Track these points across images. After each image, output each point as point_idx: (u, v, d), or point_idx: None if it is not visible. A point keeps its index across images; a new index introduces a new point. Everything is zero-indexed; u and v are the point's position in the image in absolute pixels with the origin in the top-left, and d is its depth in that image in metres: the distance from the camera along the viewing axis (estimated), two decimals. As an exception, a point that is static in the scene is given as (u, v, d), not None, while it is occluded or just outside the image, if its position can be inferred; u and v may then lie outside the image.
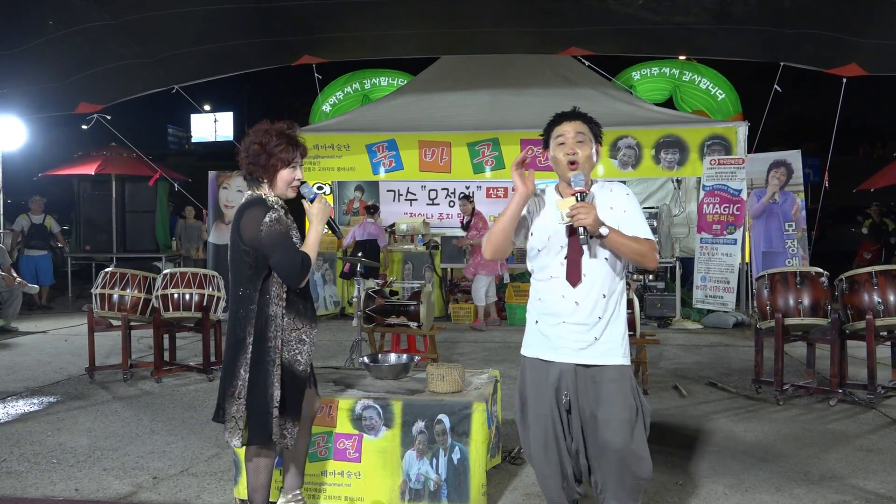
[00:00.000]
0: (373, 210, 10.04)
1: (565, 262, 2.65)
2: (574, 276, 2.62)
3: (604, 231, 2.52)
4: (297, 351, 2.97)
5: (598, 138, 2.75)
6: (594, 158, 2.73)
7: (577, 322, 2.63)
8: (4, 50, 6.76)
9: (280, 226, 2.87)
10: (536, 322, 2.74)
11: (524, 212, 2.74)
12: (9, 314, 9.05)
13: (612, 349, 2.64)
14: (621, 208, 2.68)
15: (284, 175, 2.92)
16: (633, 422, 2.63)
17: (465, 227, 9.76)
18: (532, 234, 2.75)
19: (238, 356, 2.89)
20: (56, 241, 11.84)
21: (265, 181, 2.93)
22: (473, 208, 9.69)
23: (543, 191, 2.82)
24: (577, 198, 2.55)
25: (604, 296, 2.64)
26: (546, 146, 2.78)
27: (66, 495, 3.71)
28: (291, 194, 2.98)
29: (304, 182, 3.01)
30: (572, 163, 2.65)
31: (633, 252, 2.59)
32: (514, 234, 2.74)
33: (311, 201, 2.98)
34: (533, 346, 2.75)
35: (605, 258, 2.64)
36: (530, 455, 2.77)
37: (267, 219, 2.84)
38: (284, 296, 2.94)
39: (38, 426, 4.93)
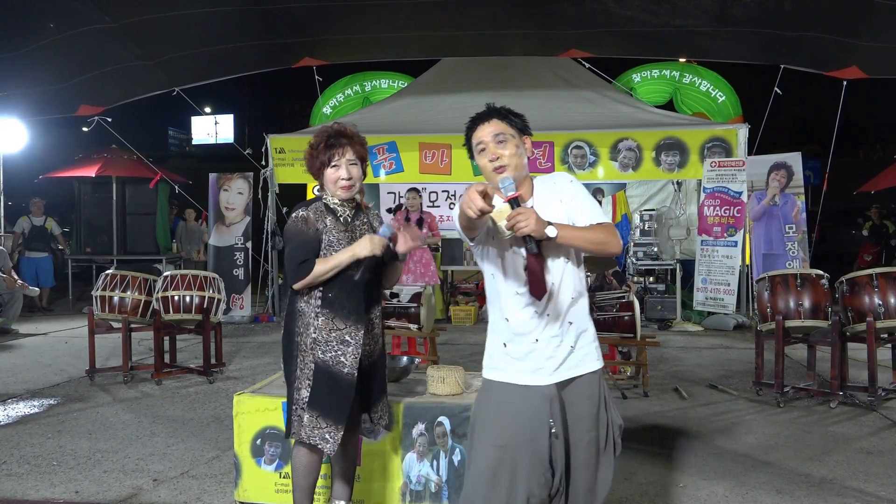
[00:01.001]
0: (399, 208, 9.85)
1: (525, 274, 2.38)
2: (538, 288, 2.34)
3: (551, 232, 2.22)
4: (339, 352, 2.89)
5: (523, 131, 2.47)
6: (524, 155, 2.45)
7: (550, 336, 2.38)
8: (6, 52, 6.77)
9: (302, 224, 2.88)
10: (505, 345, 2.42)
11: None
12: (9, 316, 9.05)
13: (588, 353, 2.43)
14: (568, 198, 2.43)
15: (329, 175, 2.91)
16: (606, 440, 2.43)
17: (417, 222, 9.17)
18: (484, 254, 2.48)
19: (283, 348, 3.01)
20: (57, 243, 11.85)
21: (320, 182, 3.00)
22: (422, 204, 9.30)
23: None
24: (511, 205, 2.26)
25: (572, 298, 2.40)
26: (471, 156, 2.52)
27: (67, 498, 3.71)
28: (342, 194, 2.92)
29: (400, 209, 3.04)
30: (498, 168, 2.38)
31: (591, 242, 2.32)
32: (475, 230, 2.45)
33: (379, 235, 2.89)
34: (502, 368, 2.42)
35: (565, 258, 2.39)
36: (471, 487, 2.38)
37: (294, 214, 2.92)
38: (318, 293, 2.89)
39: (38, 428, 4.92)
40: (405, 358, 4.04)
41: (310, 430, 2.85)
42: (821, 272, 5.47)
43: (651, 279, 9.96)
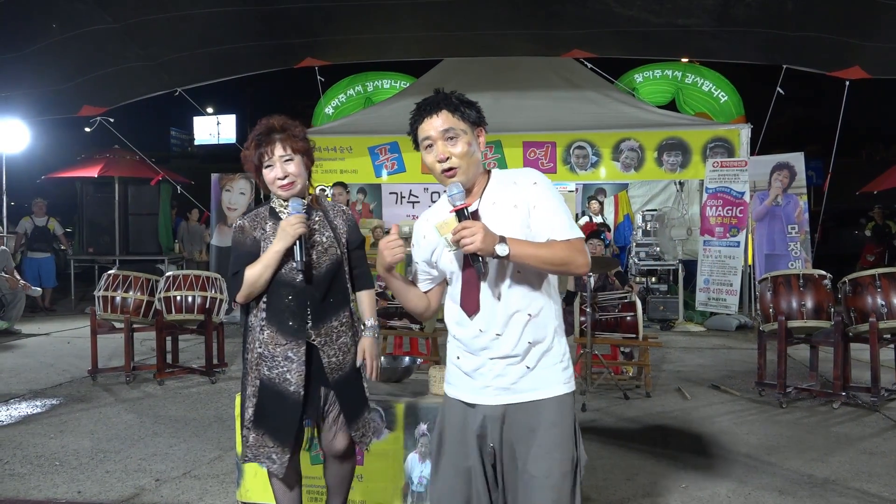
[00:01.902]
0: None
1: (460, 287, 2.13)
2: (470, 304, 2.10)
3: (501, 250, 1.93)
4: (284, 369, 2.66)
5: (476, 123, 2.14)
6: (476, 152, 2.12)
7: (503, 354, 2.08)
8: (8, 53, 6.77)
9: (239, 233, 2.71)
10: (458, 358, 2.19)
11: (413, 254, 2.29)
12: (12, 316, 9.06)
13: (551, 375, 2.11)
14: (529, 204, 2.07)
15: (265, 176, 2.68)
16: (570, 477, 2.09)
17: None
18: (436, 263, 2.21)
19: None
20: (59, 243, 11.87)
21: (262, 185, 2.77)
22: (349, 201, 8.70)
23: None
24: (458, 216, 2.01)
25: (530, 315, 2.08)
26: (417, 148, 2.21)
27: (69, 498, 3.71)
28: (283, 194, 2.68)
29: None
30: (448, 170, 2.08)
31: (548, 263, 2.00)
32: (420, 286, 2.28)
33: (291, 213, 2.64)
34: (455, 384, 2.21)
35: (518, 271, 2.08)
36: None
37: (234, 225, 2.73)
38: (263, 304, 2.69)
39: (40, 428, 4.93)
40: (407, 358, 4.04)
41: (255, 449, 2.71)
42: (823, 272, 5.46)
43: (653, 279, 9.95)
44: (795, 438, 4.60)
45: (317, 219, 2.76)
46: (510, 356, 2.08)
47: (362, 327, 2.86)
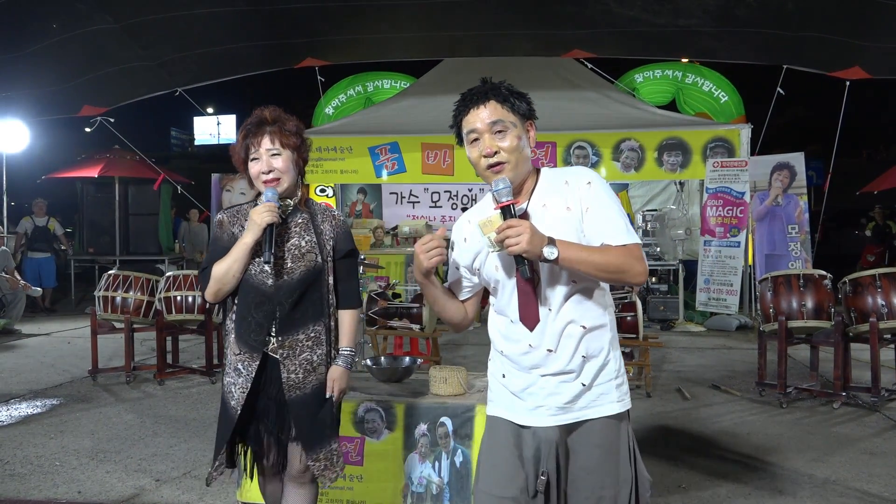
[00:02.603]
0: None
1: (516, 299, 1.95)
2: (529, 316, 1.93)
3: (549, 253, 1.77)
4: (231, 380, 2.48)
5: (526, 116, 1.98)
6: (526, 147, 1.96)
7: (557, 371, 1.93)
8: (8, 53, 6.77)
9: (217, 228, 2.56)
10: (504, 376, 2.03)
11: (452, 259, 2.09)
12: (12, 316, 9.07)
13: (606, 394, 1.95)
14: (582, 206, 1.90)
15: (251, 170, 2.50)
16: (631, 499, 1.94)
17: None
18: (479, 269, 2.03)
19: None
20: (59, 243, 11.87)
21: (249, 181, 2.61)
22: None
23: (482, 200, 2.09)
24: (502, 214, 1.85)
25: (584, 327, 1.92)
26: (460, 142, 2.03)
27: (69, 498, 3.71)
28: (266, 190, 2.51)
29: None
30: (494, 165, 1.91)
31: (602, 270, 1.83)
32: (458, 295, 2.12)
33: (265, 202, 2.46)
34: (501, 404, 2.03)
35: (572, 279, 1.92)
36: None
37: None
38: (234, 307, 2.52)
39: (41, 429, 4.93)
40: (407, 358, 4.04)
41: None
42: (824, 273, 5.46)
43: (653, 279, 9.95)
44: (796, 438, 4.60)
45: (300, 220, 2.54)
46: (564, 372, 1.93)
47: (334, 353, 2.57)
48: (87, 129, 9.70)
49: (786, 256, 8.51)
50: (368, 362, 3.97)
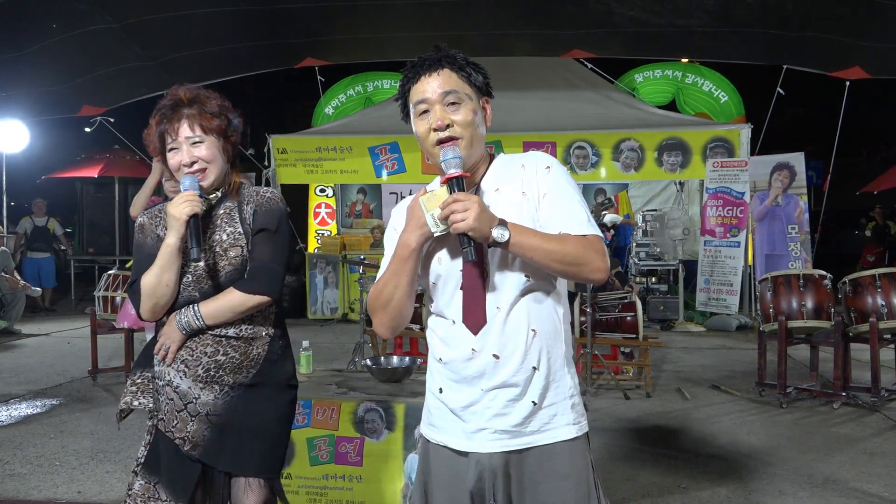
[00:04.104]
0: None
1: (461, 298, 1.68)
2: (474, 317, 1.66)
3: (500, 235, 1.54)
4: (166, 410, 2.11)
5: (483, 90, 1.74)
6: (482, 124, 1.72)
7: (501, 383, 1.65)
8: (8, 53, 6.78)
9: (139, 234, 2.18)
10: (441, 391, 1.74)
11: (389, 250, 1.79)
12: (12, 316, 9.07)
13: (561, 414, 1.68)
14: (539, 191, 1.68)
15: (170, 161, 2.10)
16: None
17: None
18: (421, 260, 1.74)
19: None
20: (59, 243, 11.87)
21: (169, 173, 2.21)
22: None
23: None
24: (449, 188, 1.59)
25: (534, 331, 1.66)
26: (406, 116, 1.77)
27: (69, 498, 3.71)
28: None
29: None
30: (445, 140, 1.65)
31: (557, 259, 1.57)
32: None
33: (183, 192, 2.04)
34: (439, 426, 1.74)
35: (525, 273, 1.66)
36: None
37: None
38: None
39: (40, 429, 4.93)
40: (407, 358, 4.04)
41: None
42: (823, 273, 5.46)
43: (653, 280, 9.96)
44: (796, 439, 4.60)
45: (221, 212, 2.14)
46: (509, 385, 1.65)
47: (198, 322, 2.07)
48: (87, 129, 9.70)
49: (786, 256, 8.51)
50: (368, 362, 3.97)
